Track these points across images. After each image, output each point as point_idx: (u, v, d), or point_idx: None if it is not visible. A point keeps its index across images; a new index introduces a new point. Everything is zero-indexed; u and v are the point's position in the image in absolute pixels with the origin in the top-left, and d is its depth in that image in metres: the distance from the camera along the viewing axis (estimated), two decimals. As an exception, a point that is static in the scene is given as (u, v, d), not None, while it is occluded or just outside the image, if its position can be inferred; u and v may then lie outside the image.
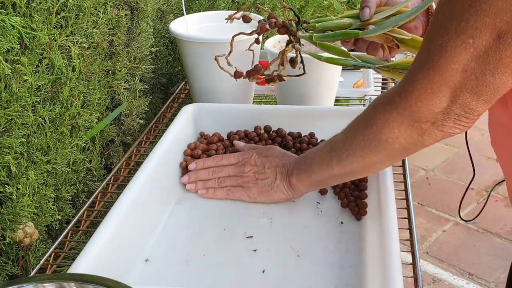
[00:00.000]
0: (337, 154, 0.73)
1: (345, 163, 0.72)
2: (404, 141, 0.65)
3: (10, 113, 0.73)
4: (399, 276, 0.60)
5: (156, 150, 0.86)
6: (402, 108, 0.63)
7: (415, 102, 0.61)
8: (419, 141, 0.64)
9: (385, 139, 0.66)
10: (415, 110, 0.62)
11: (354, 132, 0.71)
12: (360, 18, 0.80)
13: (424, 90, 0.60)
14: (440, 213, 2.32)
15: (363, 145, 0.69)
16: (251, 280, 0.71)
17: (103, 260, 0.66)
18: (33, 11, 0.76)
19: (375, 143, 0.67)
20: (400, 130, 0.64)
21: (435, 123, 0.62)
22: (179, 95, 1.31)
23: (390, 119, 0.65)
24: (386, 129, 0.65)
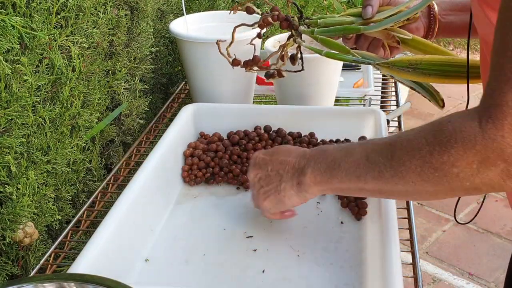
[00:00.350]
0: (377, 169, 0.60)
1: (386, 182, 0.60)
2: (479, 181, 0.53)
3: (10, 113, 0.73)
4: (399, 276, 0.60)
5: (156, 150, 0.86)
6: (491, 139, 0.50)
7: (508, 132, 0.49)
8: (498, 185, 0.53)
9: (456, 173, 0.53)
10: (507, 144, 0.50)
11: (410, 151, 0.57)
12: (363, 16, 0.79)
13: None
14: (440, 213, 2.32)
15: (420, 171, 0.56)
16: (251, 280, 0.71)
17: (103, 260, 0.66)
18: (33, 11, 0.76)
19: (440, 174, 0.55)
20: (479, 168, 0.52)
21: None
22: (179, 95, 1.31)
23: (470, 152, 0.52)
24: (462, 162, 0.53)
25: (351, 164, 0.63)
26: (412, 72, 0.71)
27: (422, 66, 0.70)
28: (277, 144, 0.96)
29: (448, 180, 0.54)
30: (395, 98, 1.29)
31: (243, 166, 0.92)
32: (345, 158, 0.65)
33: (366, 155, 0.62)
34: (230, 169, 0.92)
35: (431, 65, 0.70)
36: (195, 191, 0.91)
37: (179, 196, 0.90)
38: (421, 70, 0.70)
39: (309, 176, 0.68)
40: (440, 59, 0.71)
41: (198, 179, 0.92)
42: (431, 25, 0.84)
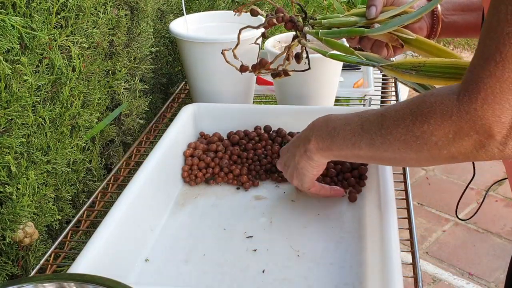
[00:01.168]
0: (369, 137, 0.66)
1: (376, 149, 0.65)
2: (454, 150, 0.57)
3: (10, 113, 0.73)
4: (399, 276, 0.60)
5: (156, 150, 0.86)
6: (465, 111, 0.54)
7: (480, 106, 0.53)
8: (472, 155, 0.57)
9: (435, 141, 0.58)
10: (478, 116, 0.53)
11: (396, 120, 0.62)
12: (366, 16, 0.80)
13: (492, 91, 0.52)
14: (440, 213, 2.32)
15: (404, 139, 0.61)
16: (251, 280, 0.71)
17: (103, 260, 0.66)
18: (33, 11, 0.76)
19: (421, 142, 0.60)
20: (455, 137, 0.56)
21: (497, 138, 0.54)
22: (179, 95, 1.31)
23: (447, 122, 0.56)
24: (439, 132, 0.57)
25: (348, 132, 0.69)
26: (415, 75, 0.72)
27: (425, 68, 0.71)
28: (277, 144, 0.96)
29: (428, 148, 0.59)
30: (395, 98, 1.29)
31: (243, 166, 0.92)
32: (344, 127, 0.70)
33: (361, 123, 0.67)
34: (230, 169, 0.92)
35: (434, 67, 0.71)
36: (195, 191, 0.91)
37: (179, 196, 0.90)
38: (424, 72, 0.71)
39: (312, 143, 0.74)
40: (443, 62, 0.71)
41: (198, 179, 0.92)
42: (434, 25, 0.84)
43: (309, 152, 0.76)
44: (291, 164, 0.80)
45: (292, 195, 0.88)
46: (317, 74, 1.07)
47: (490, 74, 0.52)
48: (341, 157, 0.74)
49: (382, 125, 0.64)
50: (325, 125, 0.74)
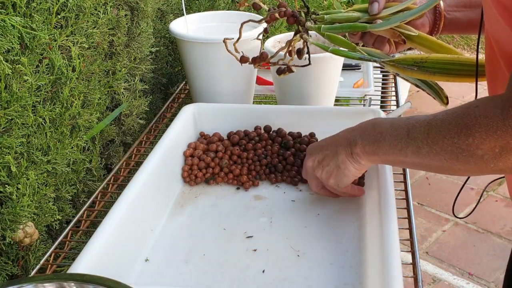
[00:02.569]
0: (416, 144, 0.64)
1: (423, 157, 0.64)
2: (502, 164, 0.57)
3: (10, 113, 0.73)
4: (399, 276, 0.60)
5: (156, 150, 0.86)
6: (510, 126, 0.54)
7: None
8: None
9: (481, 155, 0.57)
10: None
11: (442, 131, 0.61)
12: (369, 12, 0.79)
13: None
14: (440, 213, 2.32)
15: (450, 150, 0.60)
16: (251, 280, 0.71)
17: (103, 260, 0.66)
18: (33, 11, 0.76)
19: (467, 155, 0.59)
20: (501, 152, 0.55)
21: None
22: (179, 95, 1.31)
23: (492, 137, 0.55)
24: (485, 146, 0.56)
25: (394, 138, 0.68)
26: (417, 71, 0.72)
27: (427, 64, 0.71)
28: (277, 144, 0.96)
29: (475, 161, 0.58)
30: (395, 98, 1.29)
31: (243, 166, 0.92)
32: (390, 131, 0.69)
33: (408, 130, 0.66)
34: (230, 169, 0.92)
35: (436, 63, 0.71)
36: (195, 191, 0.91)
37: (179, 196, 0.90)
38: (426, 68, 0.71)
39: (359, 146, 0.73)
40: (445, 58, 0.71)
41: (198, 179, 0.92)
42: (437, 21, 0.84)
43: (355, 155, 0.74)
44: (331, 164, 0.78)
45: (292, 195, 0.88)
46: (317, 74, 1.07)
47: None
48: (388, 162, 0.75)
49: (429, 134, 0.63)
50: (372, 128, 0.73)
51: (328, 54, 1.07)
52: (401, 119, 0.69)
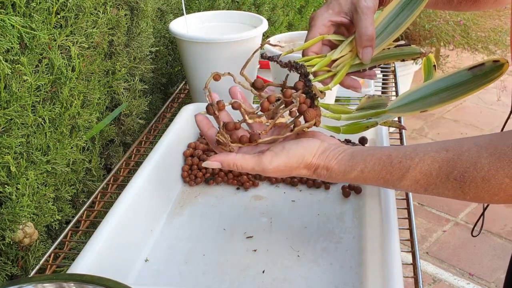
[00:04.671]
0: (446, 195, 0.59)
1: (448, 197, 0.59)
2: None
3: (9, 113, 0.73)
4: (399, 277, 0.60)
5: (156, 150, 0.86)
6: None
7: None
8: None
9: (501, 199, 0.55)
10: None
11: (491, 190, 0.55)
12: (361, 59, 0.71)
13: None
14: (440, 213, 2.32)
15: (504, 200, 0.56)
16: (251, 280, 0.71)
17: (103, 260, 0.66)
18: (32, 11, 0.75)
19: (488, 200, 0.56)
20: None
21: None
22: (179, 95, 1.31)
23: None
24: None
25: (402, 190, 0.62)
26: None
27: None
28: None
29: (496, 201, 0.55)
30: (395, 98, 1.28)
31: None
32: (388, 187, 0.62)
33: (423, 187, 0.59)
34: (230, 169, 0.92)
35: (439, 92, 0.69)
36: (195, 191, 0.91)
37: (179, 196, 0.90)
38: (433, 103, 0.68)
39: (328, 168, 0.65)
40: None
41: (198, 179, 0.92)
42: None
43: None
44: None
45: (292, 195, 0.88)
46: (317, 74, 1.07)
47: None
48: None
49: (466, 193, 0.57)
50: (363, 181, 0.64)
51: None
52: (396, 169, 0.60)
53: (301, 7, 1.99)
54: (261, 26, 1.12)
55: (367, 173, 0.62)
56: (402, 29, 0.71)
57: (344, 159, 0.64)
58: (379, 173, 0.61)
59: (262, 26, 1.12)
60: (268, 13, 1.71)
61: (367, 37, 0.68)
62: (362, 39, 0.68)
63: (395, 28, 0.71)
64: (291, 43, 1.18)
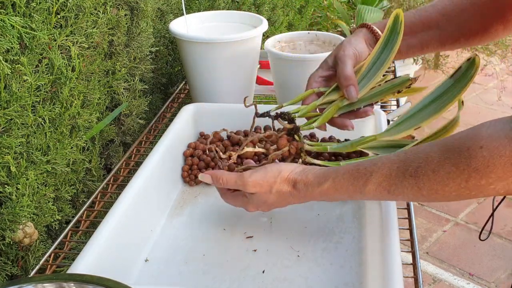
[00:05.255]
0: (406, 197, 0.62)
1: (418, 201, 0.64)
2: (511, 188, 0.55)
3: (9, 113, 0.73)
4: (399, 277, 0.60)
5: (156, 150, 0.86)
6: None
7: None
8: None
9: (493, 188, 0.55)
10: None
11: (442, 181, 0.58)
12: (348, 99, 0.80)
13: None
14: (440, 213, 2.32)
15: (456, 194, 0.58)
16: (251, 280, 0.71)
17: (103, 260, 0.66)
18: (32, 11, 0.75)
19: (477, 193, 0.57)
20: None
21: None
22: (179, 95, 1.31)
23: (510, 172, 0.53)
24: (500, 181, 0.54)
25: (372, 197, 0.65)
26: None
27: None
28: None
29: (484, 194, 0.57)
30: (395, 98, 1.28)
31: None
32: (357, 196, 0.66)
33: (386, 189, 0.63)
34: (230, 170, 0.92)
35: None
36: (195, 191, 0.91)
37: (179, 196, 0.90)
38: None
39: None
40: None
41: (198, 179, 0.92)
42: None
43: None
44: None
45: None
46: (317, 74, 1.07)
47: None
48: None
49: (422, 188, 0.60)
50: (331, 197, 0.69)
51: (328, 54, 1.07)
52: (351, 178, 0.65)
53: (301, 7, 1.99)
54: (261, 26, 1.12)
55: (338, 182, 0.66)
56: (386, 66, 0.80)
57: (320, 172, 0.69)
58: (348, 180, 0.66)
59: (262, 26, 1.12)
60: (268, 13, 1.71)
61: (345, 77, 0.79)
62: (341, 80, 0.79)
63: (379, 66, 0.80)
64: (291, 43, 1.18)
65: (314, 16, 2.20)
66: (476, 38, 0.83)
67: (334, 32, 2.05)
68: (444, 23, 0.82)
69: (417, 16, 0.83)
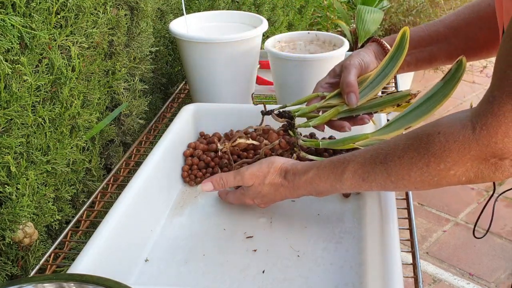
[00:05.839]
0: (378, 183, 0.66)
1: (389, 188, 0.66)
2: (473, 175, 0.58)
3: (9, 113, 0.73)
4: (399, 277, 0.60)
5: (156, 150, 0.86)
6: (485, 145, 0.55)
7: (501, 139, 0.54)
8: (489, 177, 0.58)
9: (453, 174, 0.59)
10: (499, 148, 0.54)
11: (405, 167, 0.62)
12: (348, 105, 0.83)
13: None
14: (440, 213, 2.32)
15: (420, 180, 0.61)
16: (251, 280, 0.71)
17: (103, 260, 0.66)
18: (32, 11, 0.75)
19: (438, 178, 0.60)
20: (472, 165, 0.57)
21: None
22: (179, 95, 1.31)
23: (466, 158, 0.57)
24: (459, 167, 0.58)
25: (350, 186, 0.69)
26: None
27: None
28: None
29: (447, 180, 0.60)
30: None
31: (242, 166, 0.92)
32: (337, 185, 0.70)
33: (361, 177, 0.67)
34: (230, 169, 0.92)
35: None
36: (195, 191, 0.91)
37: (179, 196, 0.90)
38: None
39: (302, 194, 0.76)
40: None
41: (198, 179, 0.92)
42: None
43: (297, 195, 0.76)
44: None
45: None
46: (318, 73, 1.07)
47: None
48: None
49: (390, 174, 0.64)
50: (309, 188, 0.74)
51: (328, 54, 1.07)
52: (332, 168, 0.70)
53: (301, 7, 1.99)
54: (261, 26, 1.12)
55: (321, 170, 0.71)
56: (389, 78, 0.84)
57: (308, 163, 0.74)
58: (329, 169, 0.70)
59: (262, 26, 1.12)
60: (268, 13, 1.71)
61: (347, 84, 0.82)
62: (343, 86, 0.83)
63: (382, 77, 0.84)
64: (291, 43, 1.18)
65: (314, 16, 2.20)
66: (483, 51, 0.86)
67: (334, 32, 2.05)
68: (452, 37, 0.85)
69: (426, 30, 0.86)
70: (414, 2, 2.66)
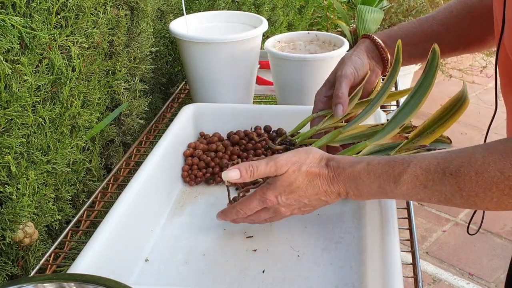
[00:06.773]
0: (443, 196, 0.60)
1: (454, 204, 0.60)
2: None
3: (10, 113, 0.73)
4: (399, 276, 0.60)
5: (156, 150, 0.86)
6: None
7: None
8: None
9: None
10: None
11: (484, 184, 0.56)
12: (334, 116, 0.82)
13: None
14: (440, 213, 2.32)
15: (497, 201, 0.57)
16: (251, 280, 0.71)
17: (103, 260, 0.66)
18: (33, 11, 0.76)
19: (483, 196, 0.57)
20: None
21: None
22: (179, 95, 1.31)
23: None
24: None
25: (405, 192, 0.63)
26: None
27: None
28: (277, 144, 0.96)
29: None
30: (395, 98, 1.28)
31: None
32: (387, 187, 0.64)
33: (422, 184, 0.61)
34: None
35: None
36: (195, 191, 0.91)
37: (179, 196, 0.90)
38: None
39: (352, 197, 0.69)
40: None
41: (198, 179, 0.92)
42: (386, 68, 0.90)
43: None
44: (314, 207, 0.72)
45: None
46: (318, 74, 1.07)
47: None
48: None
49: (463, 188, 0.58)
50: (361, 186, 0.66)
51: (328, 54, 1.07)
52: (389, 168, 0.63)
53: (301, 7, 1.99)
54: (261, 26, 1.12)
55: (372, 166, 0.64)
56: (387, 94, 0.85)
57: (354, 157, 0.70)
58: (383, 167, 0.63)
59: (262, 26, 1.12)
60: (268, 13, 1.71)
61: (336, 96, 0.82)
62: (333, 98, 0.82)
63: (381, 94, 0.85)
64: (291, 43, 1.18)
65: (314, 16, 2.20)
66: (474, 46, 0.87)
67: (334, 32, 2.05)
68: (444, 32, 0.86)
69: (419, 27, 0.87)
70: (414, 2, 2.66)
